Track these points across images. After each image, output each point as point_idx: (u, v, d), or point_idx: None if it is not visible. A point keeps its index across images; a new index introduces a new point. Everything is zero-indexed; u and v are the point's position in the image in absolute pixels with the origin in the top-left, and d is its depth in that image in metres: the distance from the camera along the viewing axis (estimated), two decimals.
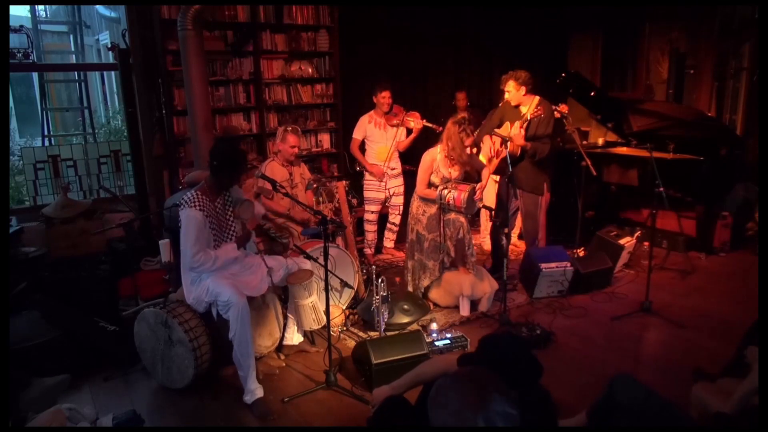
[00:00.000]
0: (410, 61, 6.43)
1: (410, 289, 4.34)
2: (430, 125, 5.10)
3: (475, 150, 4.54)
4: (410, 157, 5.84)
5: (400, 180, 5.32)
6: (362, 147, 5.26)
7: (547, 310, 4.21)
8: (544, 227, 4.80)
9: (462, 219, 4.07)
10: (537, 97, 4.49)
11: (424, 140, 5.38)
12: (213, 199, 3.13)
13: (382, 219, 5.49)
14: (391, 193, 5.29)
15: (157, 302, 3.32)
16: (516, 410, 1.39)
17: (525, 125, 4.39)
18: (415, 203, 4.24)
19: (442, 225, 4.11)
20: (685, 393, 2.59)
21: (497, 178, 4.99)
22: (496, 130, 4.46)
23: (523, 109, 4.47)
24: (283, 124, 5.60)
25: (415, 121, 5.12)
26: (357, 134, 5.22)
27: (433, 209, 4.13)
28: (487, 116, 4.95)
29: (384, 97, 5.06)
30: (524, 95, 4.43)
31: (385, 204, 5.35)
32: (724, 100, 6.81)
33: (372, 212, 5.30)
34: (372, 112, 5.20)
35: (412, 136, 5.19)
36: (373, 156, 5.21)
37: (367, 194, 5.26)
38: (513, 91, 4.43)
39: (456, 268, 4.18)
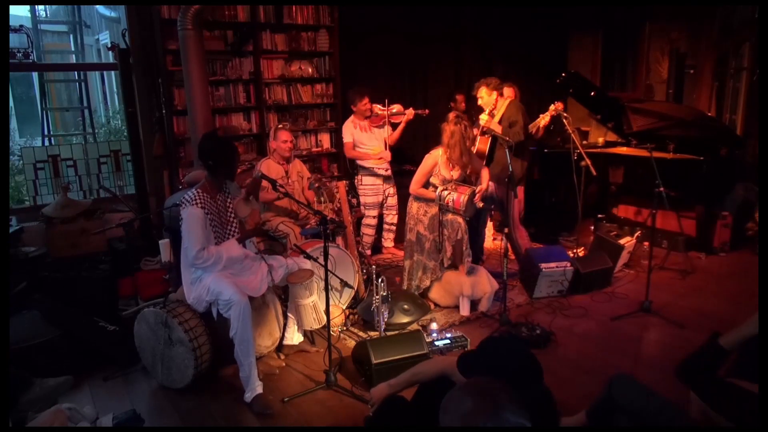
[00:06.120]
0: (410, 60, 6.43)
1: (404, 288, 4.34)
2: (417, 111, 5.06)
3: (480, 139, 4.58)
4: (408, 157, 5.85)
5: (392, 180, 5.29)
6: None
7: (547, 310, 4.21)
8: (517, 224, 4.86)
9: (460, 220, 4.07)
10: (508, 99, 4.70)
11: (423, 139, 5.38)
12: (213, 196, 3.16)
13: (378, 220, 5.47)
14: (386, 194, 5.26)
15: (157, 302, 3.32)
16: (528, 421, 1.38)
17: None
18: (415, 204, 4.23)
19: (440, 225, 4.11)
20: (685, 393, 2.59)
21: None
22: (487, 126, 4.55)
23: (497, 113, 4.67)
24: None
25: (404, 113, 5.06)
26: (347, 137, 5.10)
27: (434, 209, 4.12)
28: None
29: (365, 104, 5.00)
30: (496, 99, 4.66)
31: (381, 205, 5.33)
32: (724, 100, 6.82)
33: (374, 216, 5.26)
34: (353, 117, 5.12)
35: (401, 126, 5.10)
36: (368, 160, 5.15)
37: (366, 200, 5.18)
38: (485, 96, 4.63)
39: (456, 267, 4.19)
